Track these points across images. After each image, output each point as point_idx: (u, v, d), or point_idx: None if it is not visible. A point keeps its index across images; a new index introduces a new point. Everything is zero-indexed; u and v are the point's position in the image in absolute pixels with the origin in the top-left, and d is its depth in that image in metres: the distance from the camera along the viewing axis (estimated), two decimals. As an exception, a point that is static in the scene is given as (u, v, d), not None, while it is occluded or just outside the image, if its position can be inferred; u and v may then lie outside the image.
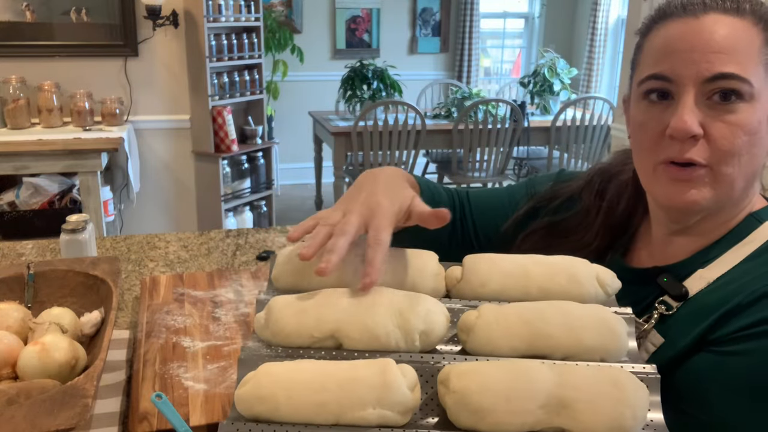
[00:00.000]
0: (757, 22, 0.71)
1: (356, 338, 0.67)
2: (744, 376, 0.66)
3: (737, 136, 0.69)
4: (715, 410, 0.67)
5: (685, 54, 0.70)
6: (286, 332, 0.68)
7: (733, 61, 0.69)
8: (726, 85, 0.69)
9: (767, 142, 0.72)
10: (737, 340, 0.67)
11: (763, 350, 0.65)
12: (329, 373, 0.62)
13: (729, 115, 0.69)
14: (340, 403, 0.61)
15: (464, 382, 0.61)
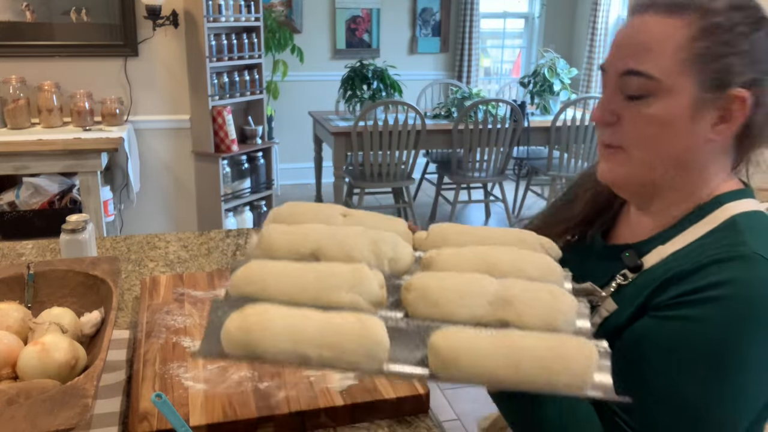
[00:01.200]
0: (688, 18, 0.74)
1: (334, 256, 0.78)
2: (677, 341, 0.71)
3: (646, 127, 0.76)
4: (649, 372, 0.73)
5: (614, 49, 0.79)
6: (275, 248, 0.80)
7: (644, 58, 0.75)
8: (634, 82, 0.76)
9: (695, 134, 0.77)
10: (675, 305, 0.73)
11: (697, 317, 0.71)
12: (311, 267, 0.76)
13: (641, 107, 0.77)
14: (320, 287, 0.73)
15: (424, 281, 0.74)
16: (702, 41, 0.74)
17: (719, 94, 0.75)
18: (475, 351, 0.66)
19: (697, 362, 0.71)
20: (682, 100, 0.75)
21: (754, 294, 0.70)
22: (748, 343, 0.70)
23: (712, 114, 0.76)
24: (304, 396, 1.04)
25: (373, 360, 0.68)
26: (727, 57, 0.74)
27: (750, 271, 0.70)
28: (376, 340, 0.68)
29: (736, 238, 0.74)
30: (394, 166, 4.33)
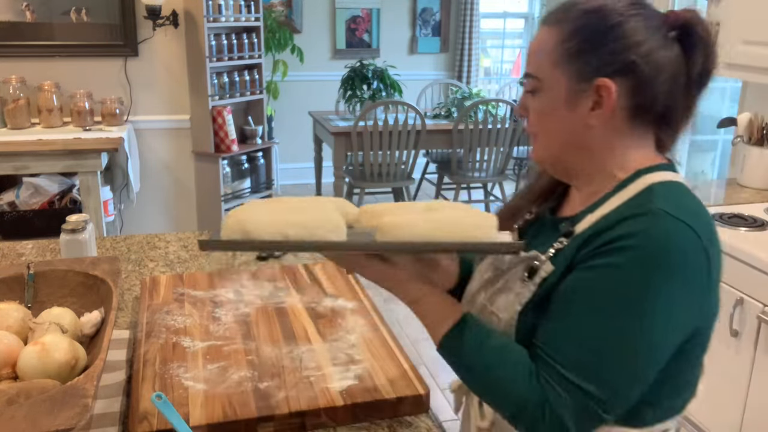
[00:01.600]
0: (557, 25, 0.90)
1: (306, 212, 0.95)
2: (591, 285, 0.83)
3: (539, 117, 0.94)
4: (568, 315, 0.85)
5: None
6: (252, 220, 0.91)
7: (531, 62, 0.93)
8: (526, 82, 0.94)
9: (576, 120, 0.90)
10: (592, 257, 0.84)
11: (608, 264, 0.82)
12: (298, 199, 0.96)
13: (533, 101, 0.94)
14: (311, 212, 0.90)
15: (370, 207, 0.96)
16: (566, 43, 0.89)
17: (587, 84, 0.88)
18: (409, 221, 0.90)
19: (606, 304, 0.81)
20: (558, 93, 0.90)
21: (658, 244, 0.80)
22: (652, 290, 0.79)
23: (587, 102, 0.89)
24: (304, 396, 1.04)
25: (335, 233, 0.87)
26: (588, 54, 0.88)
27: (655, 224, 0.81)
28: (336, 223, 0.89)
29: (647, 198, 0.85)
30: (394, 166, 4.33)
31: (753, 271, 1.79)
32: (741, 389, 1.86)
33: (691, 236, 0.81)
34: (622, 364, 0.81)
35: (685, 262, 0.80)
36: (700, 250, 0.81)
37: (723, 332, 1.89)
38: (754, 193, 2.38)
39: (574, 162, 0.94)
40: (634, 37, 0.86)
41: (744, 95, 2.68)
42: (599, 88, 0.87)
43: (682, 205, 0.84)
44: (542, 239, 0.96)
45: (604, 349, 0.81)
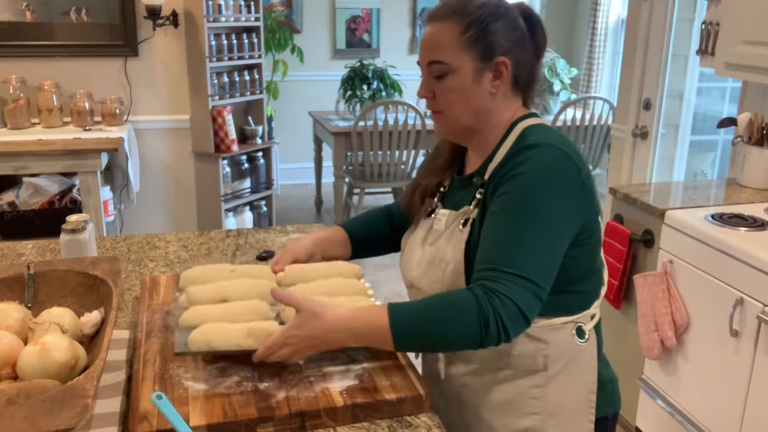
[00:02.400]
0: (456, 21, 1.12)
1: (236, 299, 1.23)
2: (500, 207, 1.08)
3: (448, 95, 1.15)
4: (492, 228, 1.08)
5: (421, 49, 1.17)
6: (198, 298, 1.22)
7: (436, 52, 1.13)
8: (436, 68, 1.14)
9: (482, 90, 1.14)
10: (496, 190, 1.10)
11: (509, 189, 1.08)
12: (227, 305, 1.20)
13: (442, 83, 1.14)
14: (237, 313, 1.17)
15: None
16: (467, 33, 1.11)
17: (489, 62, 1.13)
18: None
19: (518, 214, 1.06)
20: (466, 72, 1.13)
21: (539, 164, 1.07)
22: (544, 196, 1.06)
23: (488, 76, 1.14)
24: (304, 396, 1.04)
25: None
26: (487, 38, 1.11)
27: (533, 153, 1.08)
28: (273, 332, 1.09)
29: (523, 138, 1.13)
30: (394, 166, 4.33)
31: (753, 271, 1.79)
32: (741, 389, 1.86)
33: (559, 152, 1.08)
34: (541, 251, 1.05)
35: (560, 171, 1.08)
36: (568, 160, 1.08)
37: (723, 332, 1.89)
38: (754, 193, 2.37)
39: (476, 125, 1.17)
40: (512, 25, 1.13)
41: (744, 95, 2.68)
42: (499, 64, 1.13)
43: (547, 136, 1.11)
44: (461, 196, 1.21)
45: (525, 244, 1.04)
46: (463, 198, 1.20)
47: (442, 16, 1.14)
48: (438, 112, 1.18)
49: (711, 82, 4.08)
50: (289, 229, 1.88)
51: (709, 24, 2.37)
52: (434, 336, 1.03)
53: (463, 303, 1.01)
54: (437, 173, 1.29)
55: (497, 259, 1.04)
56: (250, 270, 1.33)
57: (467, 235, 1.13)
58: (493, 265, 1.04)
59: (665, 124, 3.20)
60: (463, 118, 1.16)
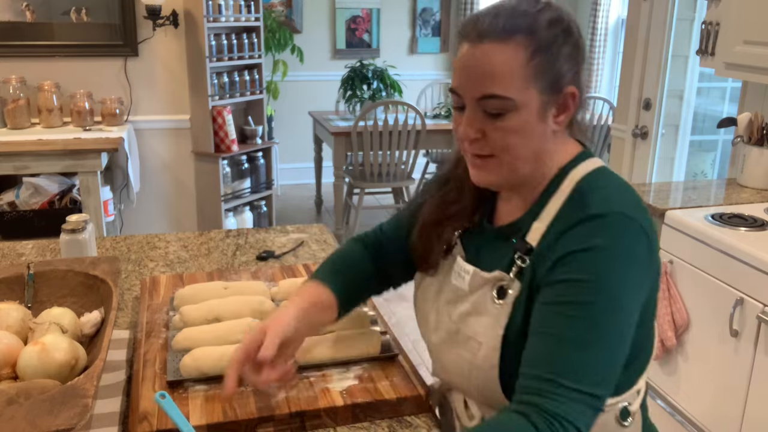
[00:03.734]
0: (522, 42, 0.87)
1: (228, 318, 1.23)
2: (564, 296, 0.86)
3: (508, 137, 0.90)
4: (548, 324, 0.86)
5: (465, 77, 0.91)
6: (191, 318, 1.22)
7: (495, 84, 0.88)
8: (491, 104, 0.89)
9: (544, 129, 0.91)
10: (555, 273, 0.87)
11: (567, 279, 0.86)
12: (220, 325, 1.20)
13: (500, 123, 0.89)
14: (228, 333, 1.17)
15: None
16: (536, 58, 0.88)
17: (557, 94, 0.90)
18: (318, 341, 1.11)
19: (584, 311, 0.85)
20: (531, 108, 0.89)
21: (610, 249, 0.86)
22: (616, 287, 0.86)
23: (552, 110, 0.91)
24: (304, 396, 1.04)
25: None
26: (556, 64, 0.89)
27: (600, 230, 0.87)
28: None
29: (581, 203, 0.90)
30: (394, 166, 4.33)
31: (753, 271, 1.79)
32: (741, 389, 1.86)
33: (631, 225, 0.87)
34: (609, 359, 0.85)
35: (634, 253, 0.87)
36: (641, 235, 0.88)
37: (723, 332, 1.89)
38: (754, 193, 2.37)
39: (531, 171, 0.94)
40: (577, 44, 0.92)
41: (744, 95, 2.68)
42: (567, 96, 0.91)
43: (612, 197, 0.90)
44: (492, 252, 0.98)
45: (593, 351, 0.84)
46: (495, 257, 0.97)
47: (499, 34, 0.88)
48: (487, 156, 0.92)
49: (711, 82, 4.08)
50: (289, 229, 1.88)
51: (709, 24, 2.37)
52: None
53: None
54: (462, 216, 1.04)
55: (558, 369, 0.83)
56: (243, 287, 1.34)
57: (507, 314, 0.92)
58: (553, 375, 0.83)
59: (665, 124, 3.20)
60: (522, 165, 0.92)
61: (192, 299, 1.29)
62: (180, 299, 1.30)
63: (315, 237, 1.82)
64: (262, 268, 1.54)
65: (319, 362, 1.12)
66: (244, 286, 1.35)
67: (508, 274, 0.93)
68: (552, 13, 0.90)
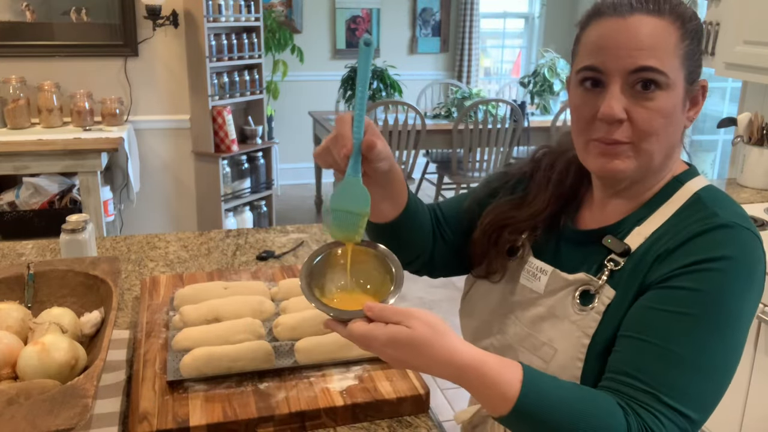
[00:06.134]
0: (674, 21, 0.84)
1: (228, 318, 1.23)
2: (678, 306, 0.79)
3: (655, 119, 0.83)
4: (659, 332, 0.79)
5: (613, 50, 0.83)
6: (191, 318, 1.22)
7: (653, 56, 0.82)
8: (646, 76, 0.82)
9: (681, 121, 0.87)
10: (671, 278, 0.81)
11: (694, 287, 0.79)
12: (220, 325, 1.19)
13: (648, 102, 0.83)
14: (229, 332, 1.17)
15: (284, 320, 1.21)
16: (686, 42, 0.85)
17: (695, 85, 0.87)
18: (319, 342, 1.12)
19: (701, 324, 0.78)
20: (678, 92, 0.85)
21: (742, 260, 0.80)
22: (740, 306, 0.80)
23: (686, 103, 0.87)
24: (304, 396, 1.04)
25: (267, 362, 1.10)
26: (696, 55, 0.87)
27: (733, 239, 0.81)
28: (268, 351, 1.11)
29: (708, 210, 0.84)
30: (394, 166, 4.32)
31: (753, 271, 1.79)
32: (741, 389, 1.86)
33: (758, 242, 0.83)
34: (718, 383, 0.80)
35: (757, 271, 0.82)
36: (763, 255, 0.83)
37: (723, 332, 1.89)
38: (754, 193, 2.37)
39: (659, 166, 0.88)
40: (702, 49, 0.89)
41: (744, 95, 2.68)
42: (701, 88, 0.88)
43: (738, 213, 0.85)
44: (570, 253, 0.92)
45: (703, 370, 0.78)
46: (579, 259, 0.91)
47: (657, 8, 0.84)
48: (627, 143, 0.85)
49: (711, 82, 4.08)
50: (289, 229, 1.88)
51: (709, 24, 2.37)
52: (561, 429, 0.76)
53: (613, 421, 0.76)
54: (537, 222, 0.98)
55: (662, 383, 0.78)
56: (243, 287, 1.34)
57: (596, 324, 0.85)
58: (655, 390, 0.77)
59: (665, 124, 3.20)
60: (659, 155, 0.86)
61: (192, 299, 1.29)
62: (180, 299, 1.30)
63: (315, 237, 1.82)
64: (262, 268, 1.54)
65: (319, 362, 1.12)
66: (244, 286, 1.35)
67: (597, 278, 0.87)
68: (689, 8, 0.88)
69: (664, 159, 0.88)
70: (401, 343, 0.76)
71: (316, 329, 1.18)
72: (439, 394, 2.70)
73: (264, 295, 1.31)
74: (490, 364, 0.77)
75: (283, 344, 1.17)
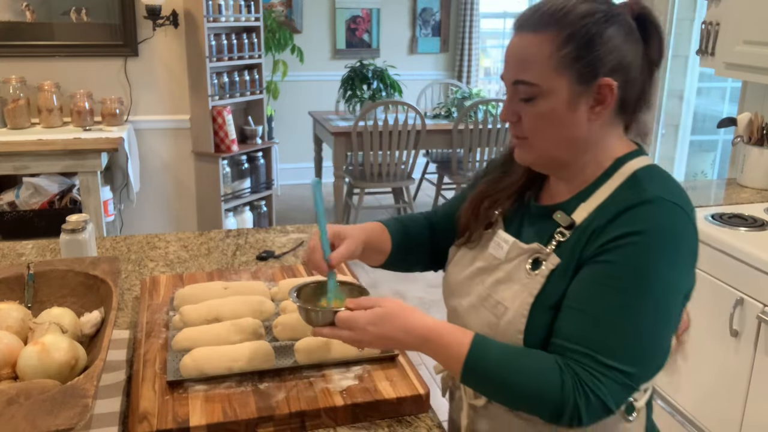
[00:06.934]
0: (553, 34, 0.93)
1: (228, 318, 1.23)
2: (608, 276, 0.90)
3: (536, 121, 0.96)
4: (593, 303, 0.90)
5: (506, 65, 0.99)
6: (191, 318, 1.22)
7: (526, 70, 0.94)
8: (522, 89, 0.95)
9: (579, 118, 0.95)
10: (603, 252, 0.91)
11: (618, 260, 0.89)
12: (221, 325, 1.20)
13: (530, 107, 0.96)
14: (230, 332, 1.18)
15: (284, 320, 1.22)
16: (565, 49, 0.92)
17: (590, 85, 0.93)
18: (319, 342, 1.13)
19: (630, 290, 0.89)
20: (560, 96, 0.94)
21: (665, 230, 0.89)
22: (666, 270, 0.89)
23: (588, 100, 0.94)
24: (304, 396, 1.04)
25: (267, 362, 1.11)
26: (588, 56, 0.92)
27: (657, 212, 0.90)
28: (268, 352, 1.12)
29: (638, 187, 0.93)
30: (394, 166, 4.33)
31: (753, 271, 1.79)
32: (741, 389, 1.86)
33: (684, 215, 0.91)
34: (650, 340, 0.90)
35: (686, 239, 0.91)
36: (690, 224, 0.92)
37: (723, 332, 1.89)
38: (754, 193, 2.38)
39: (567, 157, 0.99)
40: (618, 37, 0.93)
41: (744, 95, 2.68)
42: (601, 87, 0.93)
43: (668, 188, 0.94)
44: (534, 228, 1.03)
45: (634, 330, 0.88)
46: (535, 231, 1.02)
47: (533, 26, 0.94)
48: (522, 138, 1.00)
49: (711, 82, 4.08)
50: (289, 229, 1.88)
51: (709, 24, 2.37)
52: (504, 384, 0.91)
53: (549, 377, 0.88)
54: (510, 192, 1.10)
55: (597, 346, 0.88)
56: (243, 287, 1.34)
57: (540, 285, 0.95)
58: (591, 351, 0.88)
59: (665, 124, 3.20)
60: (551, 148, 0.98)
61: (192, 299, 1.29)
62: (180, 299, 1.30)
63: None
64: (262, 268, 1.54)
65: (319, 362, 1.12)
66: (244, 286, 1.35)
67: (546, 247, 0.98)
68: (588, 6, 0.93)
69: (570, 150, 0.98)
70: (380, 318, 0.94)
71: None
72: (439, 394, 2.69)
73: (264, 295, 1.31)
74: (447, 330, 0.95)
75: (283, 344, 1.17)
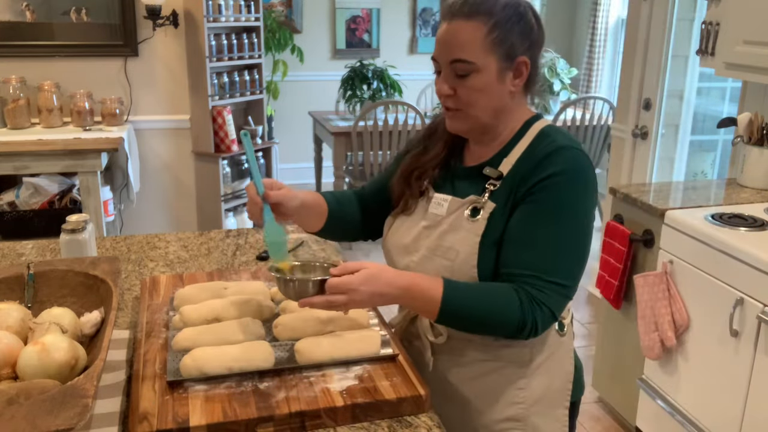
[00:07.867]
0: (484, 20, 1.12)
1: (229, 318, 1.24)
2: (536, 212, 1.14)
3: (471, 94, 1.16)
4: (528, 234, 1.14)
5: (442, 46, 1.17)
6: (191, 319, 1.22)
7: (462, 50, 1.13)
8: (460, 66, 1.14)
9: (503, 90, 1.17)
10: (531, 194, 1.14)
11: (546, 198, 1.13)
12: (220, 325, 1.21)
13: (465, 81, 1.15)
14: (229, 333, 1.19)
15: (284, 320, 1.22)
16: (493, 33, 1.13)
17: (512, 62, 1.16)
18: (319, 342, 1.16)
19: (557, 219, 1.13)
20: (490, 72, 1.15)
21: (577, 169, 1.14)
22: (582, 200, 1.14)
23: (510, 75, 1.17)
24: (304, 396, 1.04)
25: (267, 362, 1.11)
26: (509, 39, 1.14)
27: (569, 156, 1.14)
28: (268, 352, 1.13)
29: (549, 139, 1.18)
30: (394, 166, 4.33)
31: (753, 271, 1.79)
32: (741, 389, 1.86)
33: (585, 157, 1.17)
34: (577, 257, 1.15)
35: (591, 174, 1.16)
36: (590, 163, 1.17)
37: (723, 332, 1.89)
38: (754, 193, 2.38)
39: (493, 123, 1.20)
40: (529, 24, 1.16)
41: (744, 95, 2.68)
42: (520, 63, 1.16)
43: (570, 138, 1.18)
44: (465, 185, 1.23)
45: (566, 251, 1.13)
46: (468, 187, 1.22)
47: (466, 14, 1.14)
48: (456, 109, 1.19)
49: (711, 82, 4.08)
50: (289, 229, 1.88)
51: (709, 24, 2.37)
52: (477, 317, 1.11)
53: (508, 299, 1.10)
54: (435, 163, 1.29)
55: (540, 267, 1.12)
56: (243, 287, 1.34)
57: (483, 227, 1.16)
58: (536, 273, 1.11)
59: (665, 124, 3.20)
60: (483, 116, 1.18)
61: (192, 299, 1.29)
62: (180, 299, 1.30)
63: (315, 237, 1.82)
64: (262, 268, 1.54)
65: (319, 362, 1.12)
66: (244, 286, 1.35)
67: (482, 197, 1.18)
68: (500, 4, 1.14)
69: (495, 116, 1.19)
70: (370, 277, 1.07)
71: (316, 329, 1.18)
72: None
73: (264, 295, 1.31)
74: (420, 278, 1.11)
75: (283, 344, 1.17)
